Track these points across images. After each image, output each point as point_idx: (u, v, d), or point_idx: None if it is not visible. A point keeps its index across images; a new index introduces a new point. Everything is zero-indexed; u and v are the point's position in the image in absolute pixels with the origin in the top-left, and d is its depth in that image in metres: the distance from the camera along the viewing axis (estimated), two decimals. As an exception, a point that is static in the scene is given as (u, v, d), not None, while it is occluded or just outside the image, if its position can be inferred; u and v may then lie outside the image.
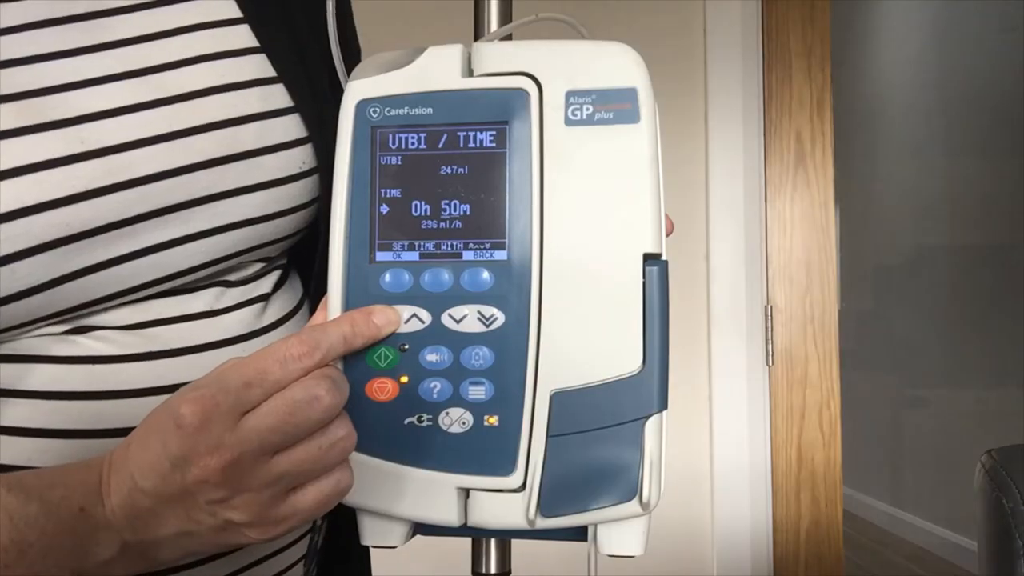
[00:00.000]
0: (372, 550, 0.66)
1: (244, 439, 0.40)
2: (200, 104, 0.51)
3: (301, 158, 0.55)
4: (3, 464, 0.48)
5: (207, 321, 0.53)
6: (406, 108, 0.47)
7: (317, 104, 0.56)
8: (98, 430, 0.49)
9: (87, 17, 0.51)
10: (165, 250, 0.50)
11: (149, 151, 0.49)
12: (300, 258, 0.61)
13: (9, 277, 0.45)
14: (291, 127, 0.55)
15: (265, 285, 0.57)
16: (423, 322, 0.46)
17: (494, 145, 0.46)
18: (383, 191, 0.47)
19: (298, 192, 0.55)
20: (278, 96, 0.55)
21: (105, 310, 0.50)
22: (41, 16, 0.50)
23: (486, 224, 0.46)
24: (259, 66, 0.55)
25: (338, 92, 0.49)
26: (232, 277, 0.55)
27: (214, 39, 0.54)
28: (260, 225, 0.54)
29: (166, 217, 0.50)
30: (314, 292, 0.59)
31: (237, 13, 0.56)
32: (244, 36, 0.55)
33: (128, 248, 0.49)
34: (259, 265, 0.57)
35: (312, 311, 0.59)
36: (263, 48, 0.55)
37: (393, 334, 0.46)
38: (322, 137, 0.55)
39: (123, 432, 0.46)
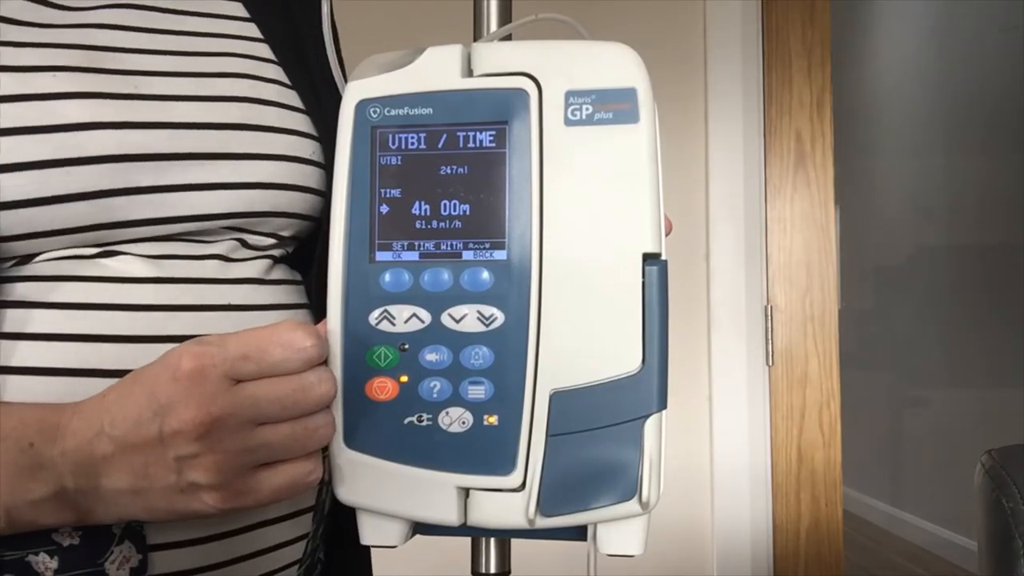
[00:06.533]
0: (372, 550, 0.66)
1: (239, 402, 0.42)
2: (231, 83, 0.58)
3: (312, 148, 0.60)
4: (39, 367, 0.50)
5: (220, 263, 0.56)
6: (406, 108, 0.47)
7: (324, 116, 0.61)
8: (126, 336, 0.51)
9: (146, 8, 0.59)
10: (192, 191, 0.54)
11: (188, 106, 0.56)
12: (300, 264, 0.63)
13: (67, 178, 0.50)
14: (304, 124, 0.60)
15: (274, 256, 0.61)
16: (423, 322, 0.46)
17: (494, 145, 0.46)
18: (383, 191, 0.47)
19: (309, 174, 0.59)
20: (293, 99, 0.61)
21: (130, 242, 0.53)
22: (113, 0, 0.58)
23: (486, 224, 0.46)
24: (277, 73, 0.61)
25: (336, 102, 0.51)
26: (249, 239, 0.59)
27: (242, 50, 0.61)
28: (276, 192, 0.57)
29: (197, 162, 0.55)
30: (315, 295, 0.60)
31: (257, 34, 0.62)
32: (265, 51, 0.62)
33: (163, 181, 0.53)
34: (270, 240, 0.60)
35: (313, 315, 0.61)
36: (280, 63, 0.62)
37: (393, 334, 0.46)
38: (327, 145, 0.58)
39: (147, 339, 0.51)
